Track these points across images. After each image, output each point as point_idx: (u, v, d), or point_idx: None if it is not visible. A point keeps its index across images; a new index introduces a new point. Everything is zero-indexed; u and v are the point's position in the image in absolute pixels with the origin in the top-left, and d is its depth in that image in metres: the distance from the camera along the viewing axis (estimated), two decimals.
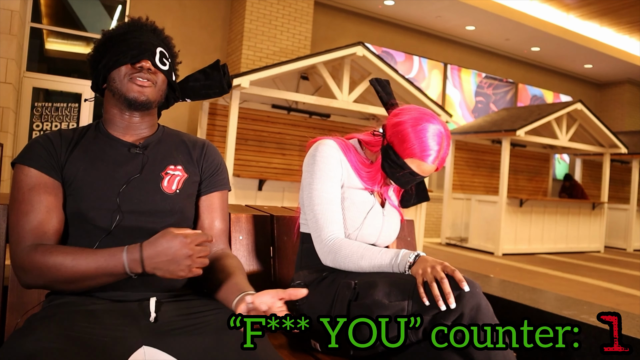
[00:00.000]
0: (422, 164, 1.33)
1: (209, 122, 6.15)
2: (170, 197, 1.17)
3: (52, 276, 1.01)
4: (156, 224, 1.13)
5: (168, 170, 1.19)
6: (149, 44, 1.18)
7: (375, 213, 1.45)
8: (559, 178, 11.32)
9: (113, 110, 1.19)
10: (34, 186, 1.08)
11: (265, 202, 5.81)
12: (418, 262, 1.24)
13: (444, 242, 8.43)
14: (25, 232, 1.05)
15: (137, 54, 1.15)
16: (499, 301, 1.88)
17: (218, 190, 1.29)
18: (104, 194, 1.10)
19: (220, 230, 1.28)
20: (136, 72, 1.15)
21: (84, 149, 1.15)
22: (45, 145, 1.12)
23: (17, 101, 5.55)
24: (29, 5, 5.80)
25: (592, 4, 9.01)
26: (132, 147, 1.18)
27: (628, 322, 1.63)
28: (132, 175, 1.14)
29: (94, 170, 1.12)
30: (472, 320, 1.15)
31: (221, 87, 1.31)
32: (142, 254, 0.99)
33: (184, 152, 1.26)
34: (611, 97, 12.70)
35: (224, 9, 7.76)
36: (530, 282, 5.14)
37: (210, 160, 1.29)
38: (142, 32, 1.19)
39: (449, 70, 10.46)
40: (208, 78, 1.31)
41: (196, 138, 1.33)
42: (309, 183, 1.40)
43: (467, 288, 1.16)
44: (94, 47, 1.20)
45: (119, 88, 1.15)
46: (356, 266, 1.33)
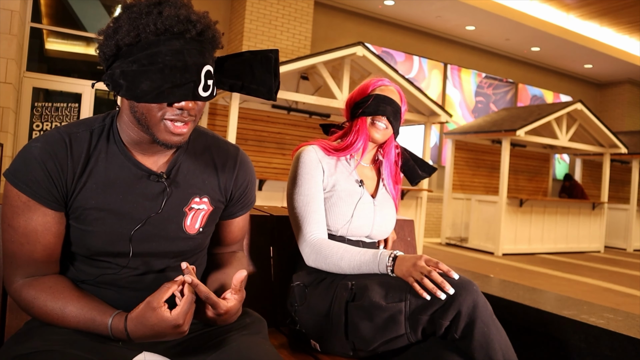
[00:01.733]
0: (378, 88, 1.51)
1: (209, 122, 6.16)
2: (193, 237, 1.03)
3: (40, 317, 0.94)
4: (170, 262, 1.03)
5: (192, 204, 1.02)
6: (194, 68, 0.89)
7: (365, 204, 1.47)
8: (559, 178, 11.32)
9: (133, 127, 0.96)
10: (32, 217, 0.92)
11: (265, 202, 5.81)
12: (398, 264, 1.27)
13: (444, 242, 8.43)
14: (16, 265, 0.95)
15: (177, 90, 0.88)
16: (499, 301, 1.88)
17: (243, 213, 1.17)
18: (117, 236, 0.96)
19: (238, 240, 1.22)
20: (173, 114, 0.91)
21: (96, 173, 0.95)
22: (46, 167, 0.91)
23: (17, 101, 5.55)
24: (29, 5, 5.80)
25: (592, 4, 9.01)
26: (153, 175, 0.99)
27: (628, 322, 1.63)
28: (151, 211, 0.98)
29: (107, 204, 0.95)
30: (470, 318, 1.15)
31: (269, 94, 1.00)
32: (126, 329, 0.89)
33: (212, 176, 1.06)
34: (611, 97, 12.70)
35: (224, 9, 7.76)
36: (530, 282, 5.14)
37: (240, 183, 1.11)
38: (185, 41, 0.89)
39: (449, 70, 10.46)
40: (255, 79, 1.00)
41: (226, 150, 1.10)
42: (290, 188, 1.45)
43: (456, 276, 1.20)
44: (110, 40, 0.90)
45: (148, 125, 0.92)
46: (336, 267, 1.35)
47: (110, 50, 0.89)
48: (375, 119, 1.48)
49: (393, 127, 1.50)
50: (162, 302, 0.87)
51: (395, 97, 1.50)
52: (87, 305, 0.93)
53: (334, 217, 1.43)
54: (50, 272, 0.97)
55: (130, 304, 0.94)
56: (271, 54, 0.99)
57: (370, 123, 1.48)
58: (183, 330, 0.89)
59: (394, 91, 1.52)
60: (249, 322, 1.08)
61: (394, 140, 1.56)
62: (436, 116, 6.54)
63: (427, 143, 6.72)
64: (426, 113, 6.58)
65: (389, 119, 1.48)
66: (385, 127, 1.49)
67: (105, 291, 0.99)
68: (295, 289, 1.41)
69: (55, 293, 0.94)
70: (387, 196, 1.56)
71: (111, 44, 0.89)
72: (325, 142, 1.51)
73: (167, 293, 0.88)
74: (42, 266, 0.96)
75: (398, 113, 1.50)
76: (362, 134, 1.48)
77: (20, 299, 0.95)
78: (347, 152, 1.47)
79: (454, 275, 1.19)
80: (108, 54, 0.90)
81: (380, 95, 1.48)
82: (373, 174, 1.57)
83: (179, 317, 0.87)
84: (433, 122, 6.63)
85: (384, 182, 1.56)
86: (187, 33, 0.88)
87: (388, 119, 1.48)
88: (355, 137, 1.48)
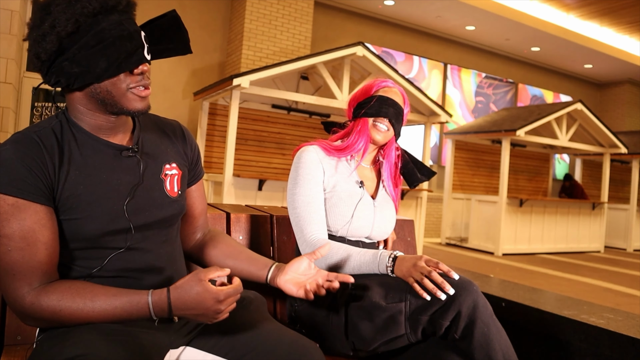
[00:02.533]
0: (382, 89, 1.50)
1: (209, 122, 6.16)
2: (176, 200, 1.10)
3: (69, 318, 0.90)
4: (166, 228, 1.09)
5: (166, 171, 1.09)
6: (137, 34, 0.96)
7: (365, 205, 1.47)
8: (559, 178, 11.32)
9: (91, 112, 0.98)
10: (25, 218, 0.89)
11: (265, 202, 5.81)
12: (398, 264, 1.27)
13: (444, 242, 8.43)
14: (21, 275, 0.89)
15: (132, 57, 0.94)
16: (499, 301, 1.88)
17: (201, 178, 1.26)
18: (114, 213, 0.97)
19: (204, 213, 1.28)
20: (136, 81, 0.96)
21: (75, 161, 0.96)
22: (25, 162, 0.90)
23: (17, 101, 5.55)
24: (29, 5, 5.79)
25: (592, 4, 9.00)
26: (124, 150, 1.02)
27: (628, 322, 1.63)
28: (133, 184, 1.01)
29: (94, 186, 0.96)
30: (470, 318, 1.15)
31: (186, 48, 1.07)
32: (169, 298, 0.91)
33: (170, 145, 1.14)
34: (611, 97, 12.70)
35: (224, 9, 7.76)
36: (530, 282, 5.14)
37: (192, 148, 1.20)
38: (120, 13, 0.95)
39: (449, 70, 10.46)
40: (172, 40, 1.06)
41: (170, 122, 1.19)
42: (291, 188, 1.44)
43: (456, 276, 1.19)
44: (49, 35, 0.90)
45: (115, 100, 0.96)
46: (336, 267, 1.35)
47: (52, 45, 0.90)
48: (377, 121, 1.47)
49: (394, 129, 1.50)
50: (208, 277, 0.91)
51: (398, 99, 1.50)
52: (117, 292, 0.93)
53: (334, 218, 1.43)
54: (54, 279, 0.94)
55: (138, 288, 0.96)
56: (172, 13, 1.05)
57: (372, 124, 1.48)
58: (220, 310, 0.92)
59: (397, 93, 1.52)
60: (252, 298, 1.15)
61: (395, 142, 1.56)
62: (436, 116, 6.54)
63: (427, 143, 6.72)
64: (426, 113, 6.58)
65: (391, 121, 1.47)
66: (386, 129, 1.48)
67: (113, 281, 0.98)
68: None
69: (79, 290, 0.92)
70: (387, 197, 1.56)
71: (51, 39, 0.90)
72: (326, 143, 1.50)
73: (214, 272, 0.93)
74: (47, 270, 0.92)
75: (400, 115, 1.50)
76: (364, 135, 1.48)
77: (42, 309, 0.89)
78: (348, 152, 1.47)
79: (454, 276, 1.19)
80: (50, 51, 0.90)
81: (383, 96, 1.48)
82: (373, 175, 1.57)
83: (223, 292, 0.91)
84: (433, 122, 6.63)
85: (384, 183, 1.56)
86: (119, 5, 0.94)
87: (390, 121, 1.47)
88: (357, 137, 1.48)
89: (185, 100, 7.35)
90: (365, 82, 1.56)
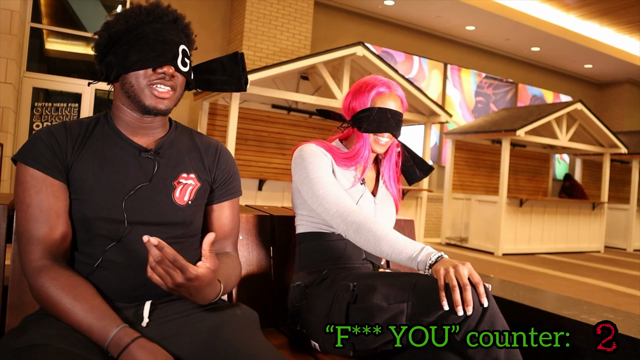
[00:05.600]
0: (379, 98, 1.45)
1: (209, 122, 6.16)
2: (182, 208, 1.11)
3: (48, 307, 0.99)
4: (165, 234, 1.08)
5: (180, 179, 1.13)
6: (172, 42, 1.07)
7: (366, 201, 1.47)
8: (559, 178, 11.32)
9: (124, 108, 1.10)
10: (41, 189, 1.02)
11: (265, 202, 5.81)
12: (440, 262, 1.18)
13: (444, 242, 8.43)
14: (35, 239, 1.01)
15: (159, 57, 1.05)
16: (499, 301, 1.88)
17: (229, 199, 1.24)
18: (111, 203, 1.04)
19: (228, 235, 1.25)
20: (157, 78, 1.06)
21: (93, 150, 1.07)
22: (49, 143, 1.04)
23: (17, 101, 5.55)
24: (29, 5, 5.80)
25: (592, 4, 9.01)
26: (144, 152, 1.10)
27: (628, 322, 1.63)
28: (140, 182, 1.08)
29: (102, 175, 1.05)
30: (478, 322, 1.12)
31: (239, 84, 1.20)
32: (125, 349, 0.93)
33: (196, 158, 1.18)
34: (611, 97, 12.71)
35: (224, 9, 7.77)
36: (530, 282, 5.14)
37: (222, 167, 1.22)
38: (164, 24, 1.08)
39: (449, 70, 10.47)
40: (225, 72, 1.20)
41: (209, 140, 1.25)
42: (305, 177, 1.40)
43: (487, 303, 1.11)
44: (104, 32, 1.07)
45: (136, 93, 1.06)
46: (374, 248, 1.28)
47: (104, 40, 1.07)
48: (379, 135, 1.47)
49: (395, 135, 1.50)
50: None
51: (396, 105, 1.47)
52: (95, 310, 0.97)
53: None
54: (65, 251, 1.04)
55: (128, 284, 1.04)
56: (238, 53, 1.21)
57: (374, 139, 1.47)
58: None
59: (395, 96, 1.48)
60: (240, 315, 1.11)
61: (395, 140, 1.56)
62: (436, 116, 6.54)
63: (427, 143, 6.72)
64: (426, 113, 6.59)
65: (392, 132, 1.47)
66: (388, 140, 1.49)
67: (108, 272, 1.05)
68: (296, 289, 1.41)
69: (70, 285, 0.99)
70: (387, 194, 1.57)
71: (105, 35, 1.07)
72: (324, 143, 1.50)
73: None
74: (58, 239, 1.02)
75: (400, 121, 1.49)
76: (365, 148, 1.47)
77: (35, 282, 0.99)
78: (353, 164, 1.47)
79: (484, 302, 1.10)
80: (102, 45, 1.07)
81: (383, 109, 1.44)
82: (373, 173, 1.58)
83: None
84: (433, 122, 6.63)
85: (384, 180, 1.57)
86: (166, 17, 1.09)
87: (391, 133, 1.48)
88: (359, 151, 1.47)
89: (185, 100, 7.35)
90: (360, 81, 1.52)
